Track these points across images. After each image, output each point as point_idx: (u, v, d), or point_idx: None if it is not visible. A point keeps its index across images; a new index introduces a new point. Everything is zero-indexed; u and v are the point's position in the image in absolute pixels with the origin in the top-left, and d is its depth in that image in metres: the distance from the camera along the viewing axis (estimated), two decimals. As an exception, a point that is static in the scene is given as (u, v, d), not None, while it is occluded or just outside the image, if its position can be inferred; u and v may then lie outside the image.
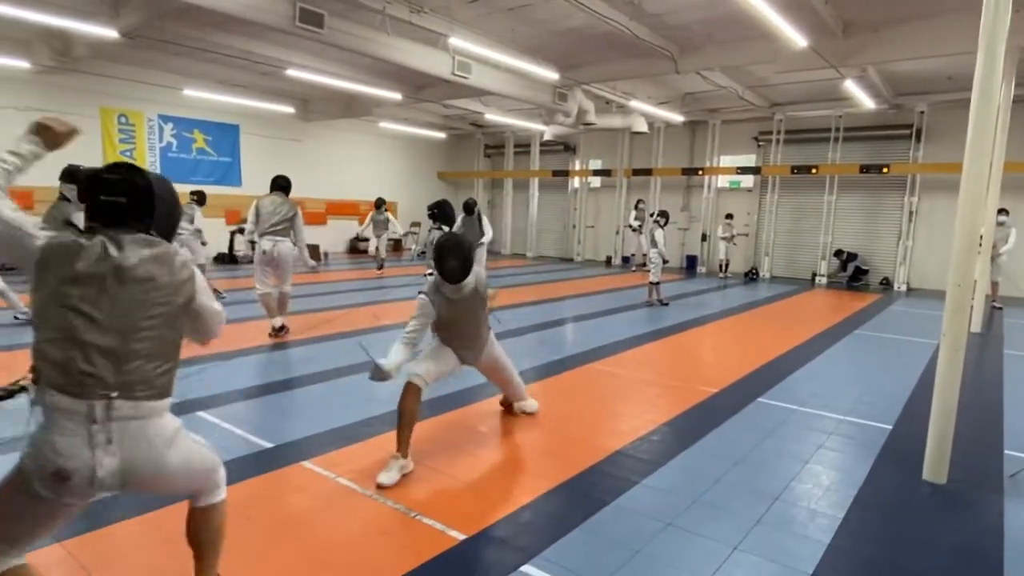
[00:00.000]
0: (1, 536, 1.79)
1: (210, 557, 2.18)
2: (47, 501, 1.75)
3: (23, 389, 1.83)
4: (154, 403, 1.83)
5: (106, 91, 12.86)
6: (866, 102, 12.15)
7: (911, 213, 13.98)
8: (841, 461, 3.97)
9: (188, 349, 2.02)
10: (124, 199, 1.79)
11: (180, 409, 4.46)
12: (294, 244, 6.68)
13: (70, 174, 5.66)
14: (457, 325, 3.80)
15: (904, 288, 14.05)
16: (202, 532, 2.13)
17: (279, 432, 4.12)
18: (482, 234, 9.31)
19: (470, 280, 3.66)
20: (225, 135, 15.40)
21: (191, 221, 9.82)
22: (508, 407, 4.66)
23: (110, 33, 8.68)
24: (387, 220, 13.50)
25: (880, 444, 4.25)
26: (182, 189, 11.45)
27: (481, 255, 9.46)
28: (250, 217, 6.68)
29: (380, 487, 3.31)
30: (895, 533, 3.06)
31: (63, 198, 5.62)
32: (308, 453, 3.78)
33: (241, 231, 10.65)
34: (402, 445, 3.48)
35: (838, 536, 2.98)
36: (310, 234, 16.90)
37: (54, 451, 1.69)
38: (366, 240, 14.67)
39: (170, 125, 14.33)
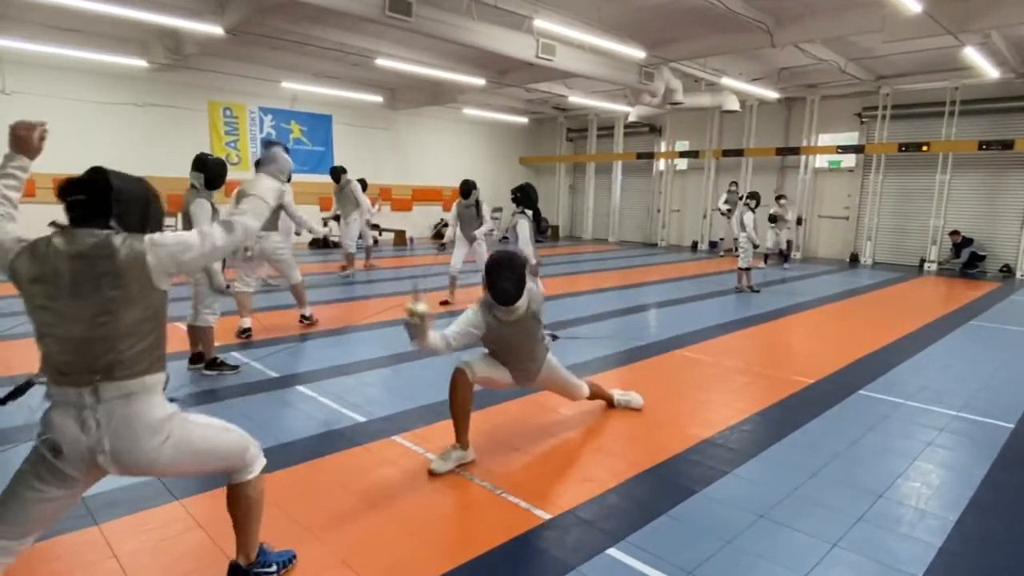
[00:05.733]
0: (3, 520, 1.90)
1: (245, 531, 2.28)
2: (49, 485, 1.88)
3: (30, 384, 2.01)
4: (135, 381, 1.90)
5: (213, 85, 13.73)
6: (989, 71, 11.02)
7: (1039, 193, 12.65)
8: (954, 460, 3.68)
9: (287, 327, 2.14)
10: (83, 196, 1.88)
11: (279, 383, 4.79)
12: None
13: (199, 162, 5.18)
14: (509, 348, 3.49)
15: (1029, 276, 12.79)
16: (234, 507, 2.25)
17: (371, 407, 4.30)
18: (480, 223, 7.83)
19: (523, 302, 3.34)
20: (319, 125, 16.07)
21: (356, 204, 10.72)
22: (609, 404, 4.36)
23: (216, 30, 9.25)
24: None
25: (1000, 443, 3.90)
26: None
27: (480, 249, 7.95)
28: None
29: (432, 473, 3.26)
30: (1020, 542, 2.81)
31: (192, 187, 5.12)
32: (399, 428, 3.92)
33: (336, 218, 11.32)
34: (460, 435, 3.38)
35: (951, 540, 2.77)
36: (398, 220, 17.25)
37: (50, 427, 1.87)
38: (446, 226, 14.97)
39: (269, 116, 15.12)
